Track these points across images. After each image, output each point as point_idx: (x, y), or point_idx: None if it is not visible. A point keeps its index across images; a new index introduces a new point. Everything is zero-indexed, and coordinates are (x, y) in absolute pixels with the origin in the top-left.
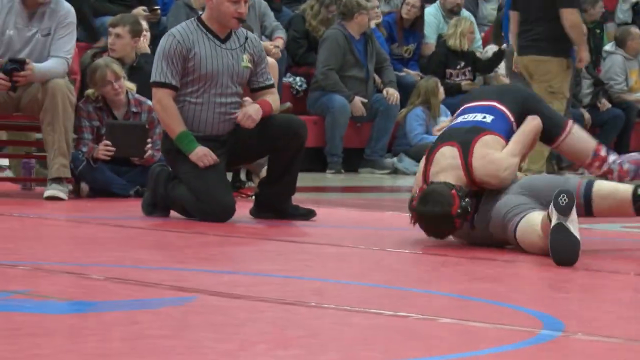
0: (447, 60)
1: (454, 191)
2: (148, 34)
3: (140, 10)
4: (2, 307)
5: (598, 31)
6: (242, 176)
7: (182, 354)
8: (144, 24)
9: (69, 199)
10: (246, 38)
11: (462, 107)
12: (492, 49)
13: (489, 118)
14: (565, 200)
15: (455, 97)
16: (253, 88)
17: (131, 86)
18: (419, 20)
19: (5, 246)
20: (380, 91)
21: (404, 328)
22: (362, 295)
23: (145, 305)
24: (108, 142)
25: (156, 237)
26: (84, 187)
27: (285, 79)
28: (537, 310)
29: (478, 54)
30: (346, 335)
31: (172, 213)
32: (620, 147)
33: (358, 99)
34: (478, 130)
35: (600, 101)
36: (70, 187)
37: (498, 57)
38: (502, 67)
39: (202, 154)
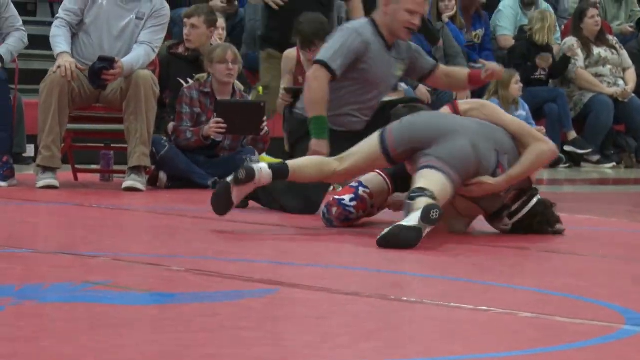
0: (529, 54)
1: None
2: (224, 32)
3: (217, 2)
4: (84, 298)
5: None
6: None
7: (263, 345)
8: (221, 20)
9: (147, 189)
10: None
11: None
12: (570, 41)
13: None
14: (435, 215)
15: (536, 89)
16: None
17: (239, 83)
18: (482, 6)
19: (86, 237)
20: None
21: (485, 322)
22: (442, 288)
23: (226, 297)
24: (220, 120)
25: (235, 228)
26: (162, 176)
27: None
28: (619, 305)
29: (555, 47)
30: (426, 328)
31: (251, 204)
32: None
33: (422, 87)
34: None
35: None
36: (148, 177)
37: (564, 63)
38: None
39: (319, 149)
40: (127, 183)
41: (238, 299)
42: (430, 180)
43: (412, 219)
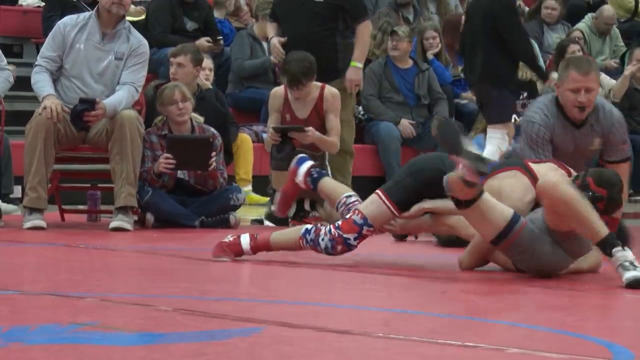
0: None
1: None
2: (211, 73)
3: (203, 41)
4: (71, 340)
5: None
6: (306, 205)
7: None
8: (209, 61)
9: (134, 229)
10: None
11: None
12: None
13: None
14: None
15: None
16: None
17: (199, 117)
18: None
19: (73, 278)
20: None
21: (472, 359)
22: (428, 325)
23: (213, 337)
24: (169, 155)
25: (222, 268)
26: (149, 217)
27: None
28: (606, 340)
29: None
30: None
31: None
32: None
33: (405, 121)
34: None
35: None
36: (136, 217)
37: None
38: None
39: None
40: (114, 223)
41: (225, 338)
42: None
43: None
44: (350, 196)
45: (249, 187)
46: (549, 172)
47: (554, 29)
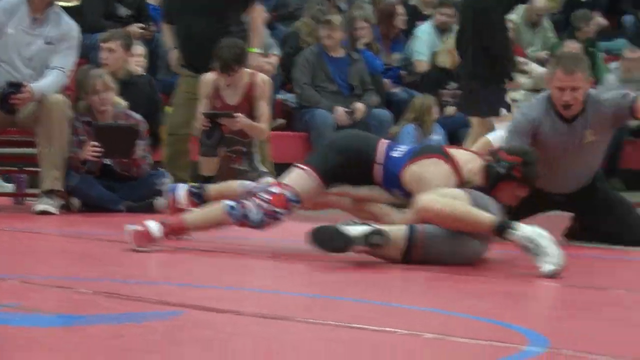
0: (440, 80)
1: None
2: (143, 60)
3: (135, 27)
4: None
5: (592, 49)
6: None
7: None
8: (142, 48)
9: (60, 213)
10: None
11: None
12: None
13: None
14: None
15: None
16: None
17: (121, 102)
18: (403, 32)
19: None
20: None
21: (389, 343)
22: (347, 310)
23: (131, 319)
24: (95, 143)
25: (146, 252)
26: (75, 201)
27: (278, 96)
28: (523, 327)
29: None
30: (331, 350)
31: None
32: (612, 166)
33: (340, 108)
34: None
35: None
36: (62, 201)
37: None
38: None
39: None
40: (39, 206)
41: (143, 321)
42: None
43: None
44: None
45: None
46: (469, 162)
47: None
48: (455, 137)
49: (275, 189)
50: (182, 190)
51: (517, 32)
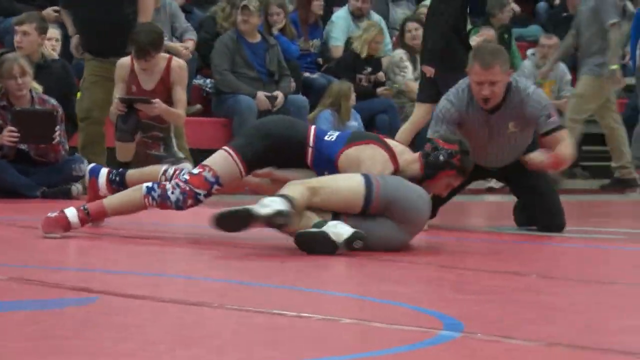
0: (355, 65)
1: None
2: (58, 43)
3: (49, 11)
4: None
5: (506, 36)
6: None
7: (83, 353)
8: (56, 32)
9: None
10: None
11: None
12: (399, 53)
13: None
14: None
15: (367, 101)
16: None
17: (37, 86)
18: (321, 17)
19: None
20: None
21: (306, 329)
22: (265, 296)
23: (48, 306)
24: (13, 128)
25: (63, 238)
26: None
27: (195, 81)
28: (438, 311)
29: (386, 58)
30: (248, 335)
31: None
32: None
33: (261, 93)
34: None
35: None
36: None
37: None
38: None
39: None
40: None
41: (59, 307)
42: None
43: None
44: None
45: None
46: (403, 152)
47: (399, 4)
48: (372, 123)
49: (195, 170)
50: (103, 177)
51: None
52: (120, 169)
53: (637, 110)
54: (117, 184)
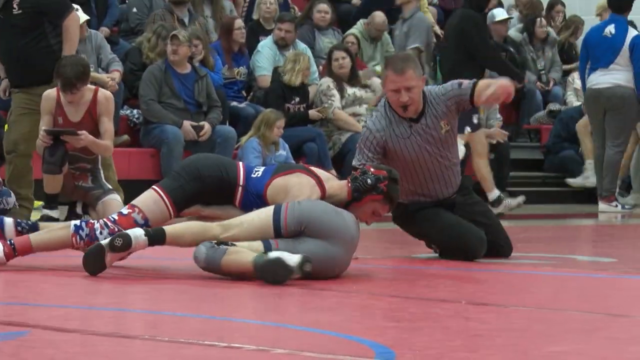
0: (285, 94)
1: None
2: None
3: None
4: None
5: (432, 63)
6: (78, 209)
7: None
8: None
9: None
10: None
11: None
12: (326, 81)
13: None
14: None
15: (295, 129)
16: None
17: None
18: (244, 45)
19: None
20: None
21: (237, 359)
22: (197, 327)
23: None
24: None
25: None
26: None
27: (122, 112)
28: (370, 340)
29: (312, 87)
30: None
31: None
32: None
33: (187, 123)
34: None
35: None
36: None
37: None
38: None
39: None
40: None
41: None
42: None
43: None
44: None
45: None
46: (329, 179)
47: (325, 34)
48: (301, 151)
49: (125, 210)
50: (10, 225)
51: (360, 47)
52: (30, 222)
53: (561, 137)
54: (30, 229)
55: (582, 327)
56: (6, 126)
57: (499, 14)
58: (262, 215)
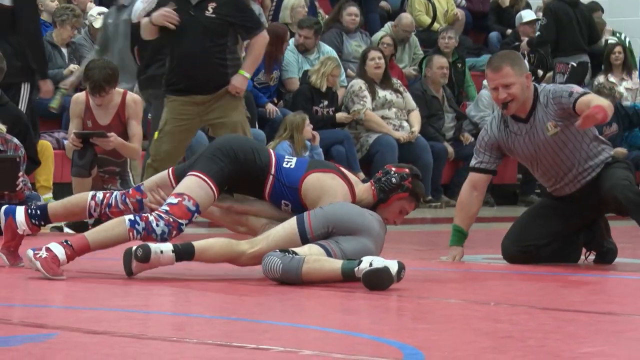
0: (313, 97)
1: None
2: None
3: None
4: None
5: (460, 65)
6: None
7: None
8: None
9: None
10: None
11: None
12: (357, 83)
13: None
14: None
15: (324, 131)
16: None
17: (2, 127)
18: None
19: None
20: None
21: None
22: (224, 329)
23: (6, 343)
24: None
25: (20, 274)
26: None
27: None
28: (398, 341)
29: (341, 90)
30: None
31: None
32: None
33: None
34: None
35: (463, 135)
36: None
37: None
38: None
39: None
40: None
41: (18, 344)
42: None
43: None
44: (95, 194)
45: (50, 195)
46: (357, 183)
47: (353, 37)
48: (329, 154)
49: (174, 200)
50: (21, 215)
51: (396, 48)
52: (39, 203)
53: None
54: (38, 218)
55: (611, 328)
56: (156, 133)
57: (527, 15)
58: (286, 226)
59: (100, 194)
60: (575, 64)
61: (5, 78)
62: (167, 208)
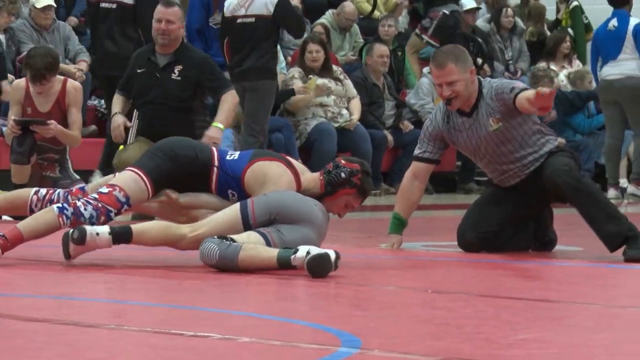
0: None
1: None
2: None
3: None
4: None
5: (400, 53)
6: None
7: None
8: None
9: None
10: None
11: None
12: (295, 70)
13: None
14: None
15: None
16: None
17: None
18: None
19: None
20: None
21: (204, 348)
22: (162, 316)
23: None
24: None
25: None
26: None
27: (90, 102)
28: (336, 328)
29: (280, 76)
30: (145, 356)
31: None
32: None
33: None
34: None
35: (402, 122)
36: None
37: (287, 94)
38: None
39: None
40: None
41: None
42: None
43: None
44: (39, 190)
45: None
46: (304, 172)
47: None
48: (268, 142)
49: (104, 189)
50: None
51: (329, 37)
52: None
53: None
54: None
55: (548, 314)
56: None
57: (468, 3)
58: (229, 211)
59: (43, 191)
60: (447, 12)
61: None
62: (97, 196)
